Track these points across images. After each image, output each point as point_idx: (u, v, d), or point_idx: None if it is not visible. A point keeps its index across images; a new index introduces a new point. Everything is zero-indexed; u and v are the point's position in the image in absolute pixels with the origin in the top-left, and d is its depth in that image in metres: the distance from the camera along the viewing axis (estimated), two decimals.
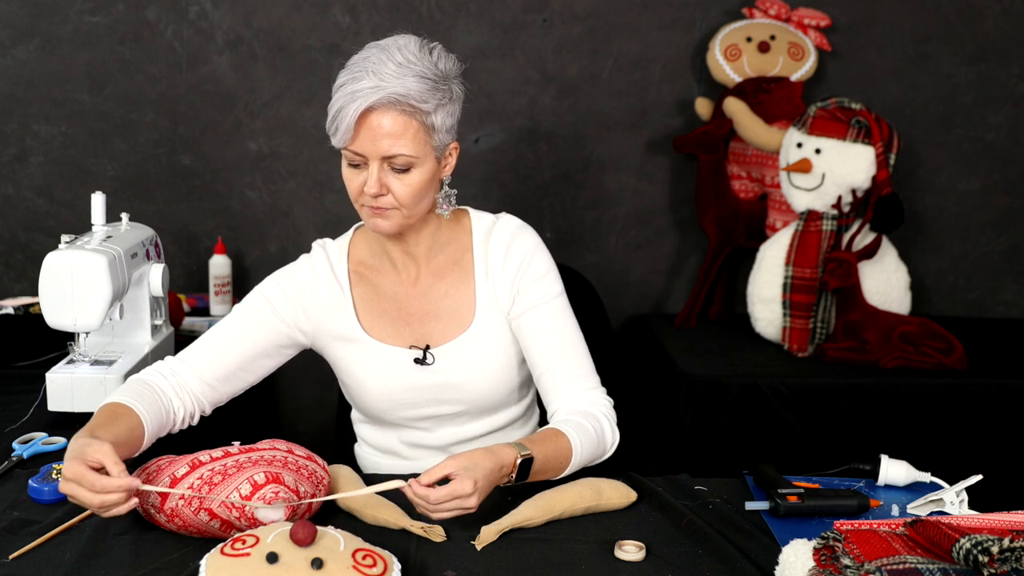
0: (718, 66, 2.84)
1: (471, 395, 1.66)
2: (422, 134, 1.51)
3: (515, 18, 2.87)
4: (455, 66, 1.56)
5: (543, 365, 1.64)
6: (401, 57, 1.49)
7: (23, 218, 2.87)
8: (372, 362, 1.65)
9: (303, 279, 1.66)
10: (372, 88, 1.47)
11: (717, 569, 1.32)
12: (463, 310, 1.66)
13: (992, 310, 3.15)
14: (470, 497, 1.35)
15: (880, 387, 2.47)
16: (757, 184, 2.90)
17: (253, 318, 1.64)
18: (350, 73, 1.50)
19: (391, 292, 1.67)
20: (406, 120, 1.49)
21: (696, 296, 2.90)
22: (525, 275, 1.64)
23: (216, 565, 1.16)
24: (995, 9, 2.95)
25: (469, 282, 1.66)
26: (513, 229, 1.67)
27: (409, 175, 1.52)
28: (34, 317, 2.48)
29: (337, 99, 1.50)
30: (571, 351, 1.65)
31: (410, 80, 1.48)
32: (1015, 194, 3.08)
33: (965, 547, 1.12)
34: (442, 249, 1.67)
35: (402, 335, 1.66)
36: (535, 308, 1.64)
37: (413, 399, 1.66)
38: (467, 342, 1.65)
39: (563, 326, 1.65)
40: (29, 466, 1.58)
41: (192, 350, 1.61)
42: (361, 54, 1.53)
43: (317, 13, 2.82)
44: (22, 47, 2.78)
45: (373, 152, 1.50)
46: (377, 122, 1.48)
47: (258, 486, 1.31)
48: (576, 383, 1.63)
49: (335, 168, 2.91)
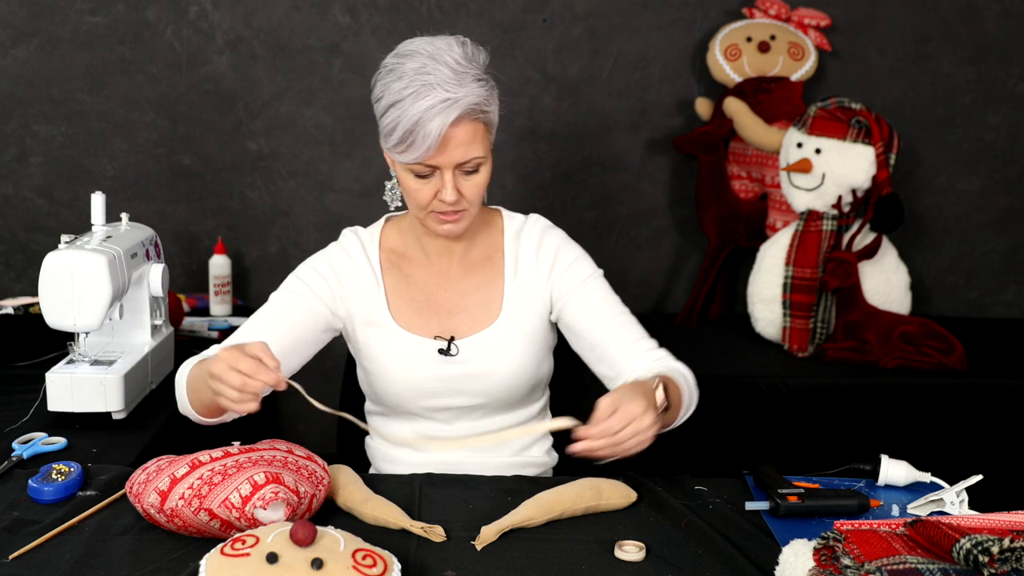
0: (718, 66, 2.84)
1: (491, 388, 1.68)
2: (486, 135, 1.55)
3: (515, 18, 2.87)
4: (487, 56, 1.57)
5: (598, 338, 1.66)
6: (452, 62, 1.50)
7: (23, 218, 2.87)
8: (397, 349, 1.67)
9: (338, 262, 1.69)
10: (446, 103, 1.47)
11: (717, 569, 1.32)
12: (490, 305, 1.69)
13: (992, 310, 3.15)
14: (644, 415, 1.35)
15: (880, 387, 2.47)
16: (757, 184, 2.90)
17: (294, 303, 1.66)
18: (404, 88, 1.48)
19: (421, 282, 1.70)
20: (475, 126, 1.52)
21: (696, 296, 2.90)
22: (557, 268, 1.69)
23: (216, 565, 1.16)
24: (995, 9, 2.95)
25: (498, 279, 1.70)
26: (541, 229, 1.72)
27: (478, 175, 1.56)
28: (34, 317, 2.48)
29: (400, 117, 1.48)
30: (623, 320, 1.68)
31: (473, 86, 1.50)
32: (1015, 194, 3.08)
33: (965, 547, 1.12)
34: (475, 245, 1.71)
35: (429, 325, 1.68)
36: (576, 291, 1.68)
37: (435, 388, 1.67)
38: (491, 336, 1.67)
39: (608, 299, 1.70)
40: (29, 466, 1.58)
41: (240, 339, 1.60)
42: (402, 64, 1.51)
43: (317, 13, 2.82)
44: (22, 47, 2.78)
45: (447, 162, 1.52)
46: (453, 133, 1.50)
47: (258, 486, 1.31)
48: (637, 345, 1.66)
49: (335, 168, 2.93)
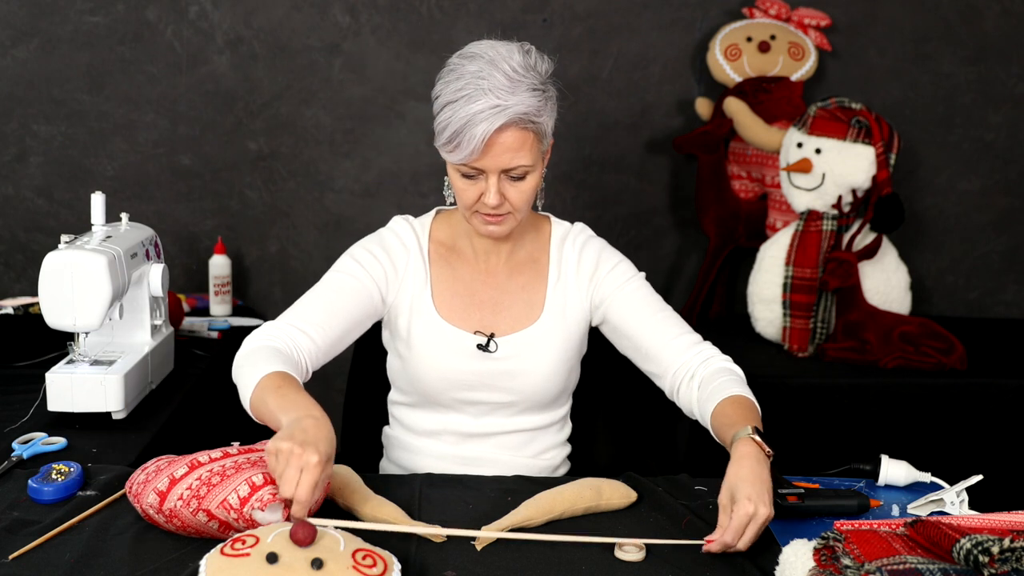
0: (718, 66, 2.84)
1: (525, 387, 1.70)
2: (536, 143, 1.56)
3: (515, 18, 2.87)
4: (549, 65, 1.60)
5: (644, 333, 1.69)
6: (510, 69, 1.51)
7: (23, 218, 2.87)
8: (437, 339, 1.69)
9: (392, 246, 1.71)
10: (494, 109, 1.49)
11: (717, 569, 1.32)
12: (532, 306, 1.72)
13: (992, 310, 3.15)
14: (757, 511, 1.32)
15: (880, 387, 2.47)
16: (757, 184, 2.90)
17: (351, 284, 1.66)
18: (460, 89, 1.51)
19: (467, 278, 1.72)
20: (524, 134, 1.53)
21: (696, 296, 2.90)
22: (599, 273, 1.72)
23: (216, 565, 1.16)
24: (995, 9, 2.95)
25: (542, 282, 1.73)
26: (584, 238, 1.76)
27: (524, 182, 1.58)
28: (34, 317, 2.48)
29: (451, 118, 1.51)
30: (665, 315, 1.71)
31: (525, 95, 1.51)
32: (1015, 194, 3.08)
33: (965, 547, 1.12)
34: (522, 247, 1.74)
35: (470, 320, 1.70)
36: (618, 292, 1.71)
37: (470, 382, 1.69)
38: (530, 336, 1.70)
39: (649, 298, 1.73)
40: (29, 466, 1.58)
41: (302, 317, 1.60)
42: (463, 66, 1.53)
43: (317, 13, 2.82)
44: (22, 47, 2.78)
45: (493, 166, 1.54)
46: (499, 139, 1.52)
47: (256, 487, 1.31)
48: (682, 339, 1.69)
49: (335, 168, 2.93)
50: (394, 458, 1.81)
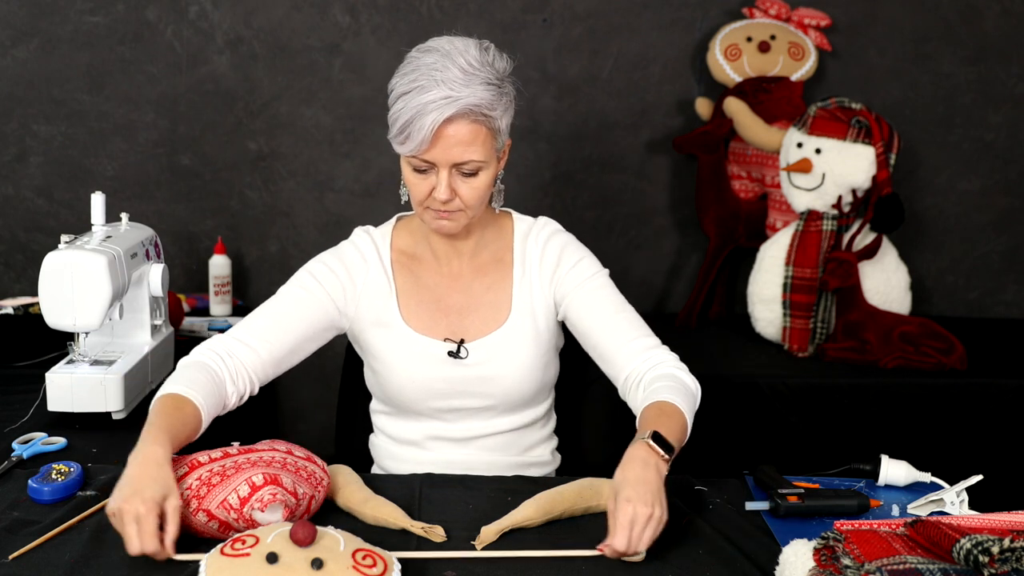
0: (718, 66, 2.84)
1: (500, 390, 1.69)
2: (490, 139, 1.55)
3: (515, 18, 2.87)
4: (508, 64, 1.58)
5: (600, 334, 1.67)
6: (465, 63, 1.51)
7: (23, 218, 2.87)
8: (406, 350, 1.67)
9: (351, 261, 1.69)
10: (445, 99, 1.48)
11: (717, 569, 1.32)
12: (500, 306, 1.70)
13: (992, 310, 3.15)
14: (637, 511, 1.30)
15: (880, 387, 2.47)
16: (757, 184, 2.90)
17: (303, 299, 1.66)
18: (413, 81, 1.51)
19: (432, 284, 1.71)
20: (476, 128, 1.52)
21: (696, 296, 2.90)
22: (561, 268, 1.70)
23: (216, 565, 1.16)
24: (995, 9, 2.95)
25: (507, 281, 1.71)
26: (549, 232, 1.73)
27: (477, 178, 1.56)
28: (34, 317, 2.48)
29: (403, 108, 1.50)
30: (624, 316, 1.69)
31: (479, 88, 1.50)
32: (1015, 194, 3.08)
33: (965, 547, 1.12)
34: (486, 247, 1.72)
35: (439, 327, 1.69)
36: (579, 288, 1.69)
37: (443, 390, 1.68)
38: (501, 338, 1.68)
39: (610, 296, 1.70)
40: (29, 466, 1.58)
41: (248, 330, 1.61)
42: (419, 59, 1.53)
43: (317, 13, 2.82)
44: (22, 47, 2.77)
45: (444, 160, 1.53)
46: (450, 132, 1.51)
47: (256, 487, 1.31)
48: (637, 342, 1.66)
49: (335, 168, 2.93)
50: (383, 466, 1.80)
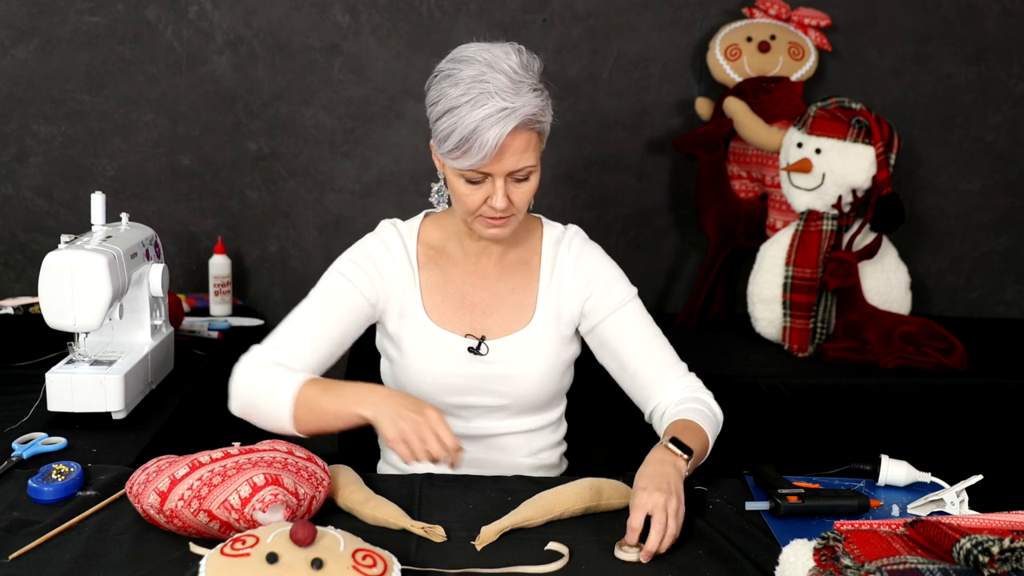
0: (718, 66, 2.84)
1: (517, 391, 1.70)
2: (539, 143, 1.57)
3: (515, 18, 2.87)
4: (541, 64, 1.58)
5: (635, 363, 1.69)
6: (510, 70, 1.50)
7: (23, 218, 2.87)
8: (428, 344, 1.68)
9: (377, 253, 1.69)
10: (502, 112, 1.48)
11: (717, 569, 1.32)
12: (524, 308, 1.71)
13: (992, 310, 3.15)
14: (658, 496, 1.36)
15: (880, 387, 2.47)
16: (757, 184, 2.90)
17: (338, 300, 1.66)
18: (464, 94, 1.49)
19: (457, 280, 1.71)
20: (530, 135, 1.53)
21: (696, 296, 2.90)
22: (598, 286, 1.71)
23: (216, 565, 1.16)
24: (995, 9, 2.95)
25: (533, 284, 1.72)
26: (580, 242, 1.74)
27: (528, 182, 1.58)
28: (34, 317, 2.48)
29: (457, 124, 1.49)
30: (658, 345, 1.72)
31: (529, 96, 1.51)
32: (1015, 194, 3.08)
33: (965, 547, 1.12)
34: (514, 248, 1.73)
35: (461, 323, 1.69)
36: (615, 312, 1.70)
37: (461, 386, 1.69)
38: (522, 339, 1.69)
39: (645, 324, 1.72)
40: (29, 466, 1.58)
41: (291, 338, 1.61)
42: (460, 70, 1.51)
43: (317, 13, 2.82)
44: (22, 47, 2.78)
45: (500, 170, 1.53)
46: (507, 143, 1.51)
47: (257, 488, 1.31)
48: (670, 373, 1.70)
49: (335, 168, 2.93)
50: (391, 460, 1.81)
